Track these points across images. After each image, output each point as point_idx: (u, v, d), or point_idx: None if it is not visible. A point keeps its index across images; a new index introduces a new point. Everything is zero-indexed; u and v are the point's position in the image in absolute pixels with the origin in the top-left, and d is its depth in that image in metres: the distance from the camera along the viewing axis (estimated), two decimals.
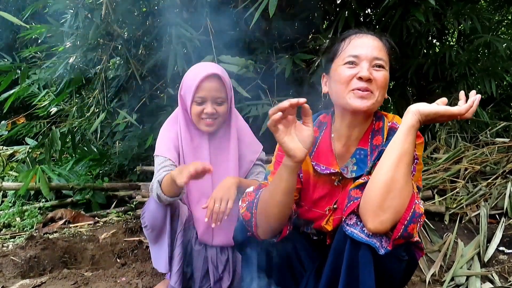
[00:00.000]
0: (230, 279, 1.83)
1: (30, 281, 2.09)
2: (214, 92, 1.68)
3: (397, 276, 1.24)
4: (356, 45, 1.28)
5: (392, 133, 1.29)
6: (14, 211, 3.36)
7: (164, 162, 1.72)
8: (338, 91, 1.28)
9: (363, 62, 1.25)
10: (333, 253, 1.24)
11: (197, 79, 1.65)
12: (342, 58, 1.28)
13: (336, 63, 1.31)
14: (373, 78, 1.24)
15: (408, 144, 1.15)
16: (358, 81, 1.24)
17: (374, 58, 1.25)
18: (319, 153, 1.39)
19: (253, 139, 1.91)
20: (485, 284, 1.94)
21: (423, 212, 1.16)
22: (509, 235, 2.29)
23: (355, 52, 1.26)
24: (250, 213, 1.29)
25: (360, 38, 1.29)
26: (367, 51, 1.25)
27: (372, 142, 1.32)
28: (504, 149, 3.10)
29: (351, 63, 1.26)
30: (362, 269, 1.14)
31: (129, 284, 2.06)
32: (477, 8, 3.74)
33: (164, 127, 1.85)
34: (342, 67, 1.27)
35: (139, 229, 2.73)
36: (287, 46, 3.36)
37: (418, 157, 1.25)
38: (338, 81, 1.28)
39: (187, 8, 3.12)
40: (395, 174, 1.13)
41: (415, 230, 1.14)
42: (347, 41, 1.31)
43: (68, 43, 3.37)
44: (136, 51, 3.32)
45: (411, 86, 4.04)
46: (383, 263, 1.15)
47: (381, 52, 1.28)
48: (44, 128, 4.25)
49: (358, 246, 1.15)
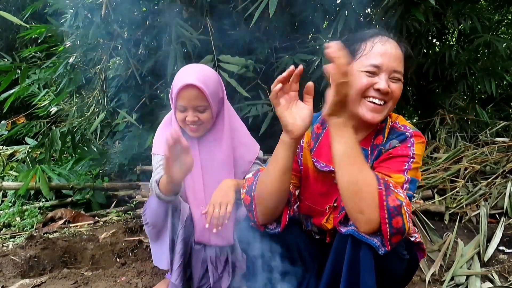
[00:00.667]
0: (229, 279, 1.83)
1: (30, 281, 2.09)
2: (194, 101, 1.64)
3: (398, 276, 1.24)
4: (378, 53, 1.24)
5: (392, 132, 1.29)
6: (14, 211, 3.36)
7: (162, 161, 1.73)
8: (352, 95, 1.24)
9: (383, 73, 1.23)
10: (334, 252, 1.24)
11: (176, 88, 1.63)
12: (363, 63, 1.25)
13: (354, 66, 1.27)
14: (390, 91, 1.24)
15: (341, 144, 1.13)
16: (374, 91, 1.23)
17: (393, 71, 1.24)
18: (320, 149, 1.39)
19: (250, 140, 1.90)
20: (485, 283, 1.93)
21: (403, 200, 1.09)
22: (509, 234, 2.29)
23: (377, 62, 1.23)
24: (250, 196, 1.32)
25: (383, 45, 1.25)
26: (388, 62, 1.23)
27: (373, 142, 1.32)
28: (504, 148, 3.10)
29: (371, 72, 1.24)
30: (363, 268, 1.14)
31: (129, 283, 2.06)
32: (477, 7, 3.75)
33: (161, 126, 1.86)
34: (361, 74, 1.25)
35: (139, 229, 2.73)
36: (287, 46, 3.36)
37: (415, 155, 1.24)
38: (353, 87, 1.24)
39: (187, 7, 3.12)
40: (349, 177, 1.12)
41: (403, 222, 1.09)
42: (369, 45, 1.27)
43: (68, 42, 3.38)
44: (136, 51, 3.32)
45: (411, 85, 4.04)
46: (384, 262, 1.15)
47: (400, 63, 1.27)
48: (44, 128, 4.25)
49: (359, 245, 1.15)
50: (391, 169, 1.21)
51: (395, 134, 1.29)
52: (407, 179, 1.20)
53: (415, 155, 1.24)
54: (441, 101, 3.88)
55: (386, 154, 1.26)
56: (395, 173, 1.20)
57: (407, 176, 1.20)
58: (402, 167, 1.22)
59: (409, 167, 1.22)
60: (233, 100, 3.08)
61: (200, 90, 1.62)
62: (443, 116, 3.72)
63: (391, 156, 1.24)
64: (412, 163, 1.23)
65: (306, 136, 1.42)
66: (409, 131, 1.28)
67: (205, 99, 1.65)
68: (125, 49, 3.19)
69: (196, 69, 1.71)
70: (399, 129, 1.30)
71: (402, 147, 1.24)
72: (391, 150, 1.25)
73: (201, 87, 1.61)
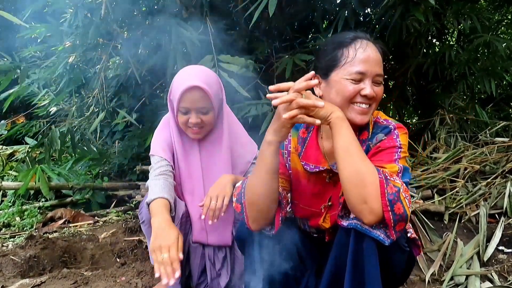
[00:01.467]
0: (228, 276, 1.83)
1: (30, 281, 2.09)
2: (197, 103, 1.64)
3: (399, 268, 1.27)
4: (362, 60, 1.27)
5: (376, 127, 1.34)
6: (13, 211, 3.36)
7: (160, 162, 1.73)
8: (339, 103, 1.29)
9: (367, 79, 1.27)
10: (336, 246, 1.26)
11: (179, 90, 1.61)
12: (348, 71, 1.27)
13: (339, 73, 1.29)
14: (375, 94, 1.28)
15: (342, 137, 1.20)
16: (361, 97, 1.27)
17: (376, 75, 1.29)
18: (308, 152, 1.43)
19: (248, 140, 1.90)
20: (485, 283, 1.94)
21: (399, 186, 1.14)
22: (508, 234, 2.30)
23: (361, 69, 1.26)
24: (240, 204, 1.35)
25: (365, 51, 1.28)
26: (371, 68, 1.27)
27: (360, 138, 1.35)
28: (504, 148, 3.10)
29: (357, 79, 1.27)
30: (367, 260, 1.16)
31: (128, 283, 2.06)
32: (476, 7, 3.75)
33: (159, 127, 1.85)
34: (346, 81, 1.27)
35: (138, 229, 2.73)
36: (287, 45, 3.36)
37: (402, 145, 1.29)
38: (341, 94, 1.28)
39: (187, 7, 3.12)
40: (352, 167, 1.16)
41: (405, 208, 1.13)
42: (351, 52, 1.28)
43: (68, 42, 3.37)
44: (136, 51, 3.32)
45: (410, 85, 4.05)
46: (387, 254, 1.18)
47: (381, 66, 1.31)
48: (43, 128, 4.25)
49: (362, 238, 1.17)
50: (383, 161, 1.25)
51: (379, 128, 1.33)
52: (400, 167, 1.24)
53: (402, 145, 1.28)
54: (440, 101, 3.88)
55: (375, 148, 1.30)
56: (388, 163, 1.24)
57: (399, 165, 1.25)
58: (392, 157, 1.26)
59: (398, 157, 1.27)
60: (233, 100, 3.08)
61: (204, 91, 1.61)
62: (443, 116, 3.72)
63: (380, 150, 1.29)
64: (400, 153, 1.27)
65: (293, 141, 1.47)
66: (392, 124, 1.32)
67: (209, 100, 1.65)
68: (125, 49, 3.19)
69: (199, 70, 1.70)
70: (382, 123, 1.35)
71: (388, 140, 1.29)
72: (379, 144, 1.30)
73: (206, 88, 1.61)
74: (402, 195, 1.13)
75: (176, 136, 1.78)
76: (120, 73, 3.55)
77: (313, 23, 3.67)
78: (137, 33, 3.21)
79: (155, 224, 1.48)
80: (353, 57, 1.28)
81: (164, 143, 1.78)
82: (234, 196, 1.39)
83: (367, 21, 3.82)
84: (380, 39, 3.50)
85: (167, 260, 1.36)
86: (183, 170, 1.79)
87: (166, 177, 1.69)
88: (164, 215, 1.52)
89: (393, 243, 1.16)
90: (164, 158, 1.74)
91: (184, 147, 1.79)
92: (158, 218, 1.51)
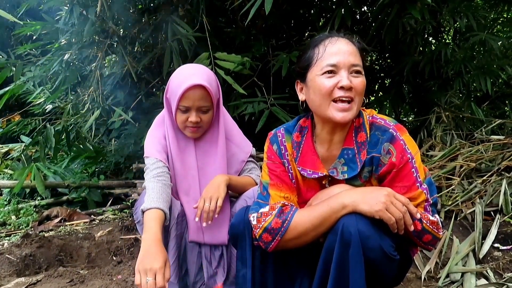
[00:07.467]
0: (224, 274, 1.83)
1: (26, 279, 2.09)
2: (198, 102, 1.63)
3: (389, 275, 1.23)
4: (332, 53, 1.25)
5: (373, 128, 1.30)
6: (9, 209, 3.35)
7: (156, 163, 1.71)
8: (319, 102, 1.26)
9: (342, 70, 1.24)
10: (325, 252, 1.23)
11: (181, 89, 1.59)
12: (320, 67, 1.26)
13: (313, 72, 1.28)
14: (353, 86, 1.23)
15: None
16: (339, 90, 1.23)
17: (351, 65, 1.24)
18: (304, 157, 1.38)
19: (242, 139, 1.90)
20: (480, 280, 1.95)
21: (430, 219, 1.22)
22: (504, 231, 2.31)
23: (332, 61, 1.24)
24: (272, 238, 1.30)
25: (334, 44, 1.26)
26: (343, 59, 1.24)
27: (357, 140, 1.31)
28: (499, 146, 3.11)
29: (330, 72, 1.24)
30: (352, 268, 1.13)
31: (125, 282, 2.06)
32: (472, 6, 3.75)
33: (152, 127, 1.84)
34: (320, 77, 1.25)
35: (135, 227, 2.73)
36: (283, 43, 3.35)
37: (412, 152, 1.24)
38: (318, 92, 1.25)
39: (183, 5, 3.11)
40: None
41: (434, 235, 1.23)
42: (321, 48, 1.27)
43: (63, 40, 3.35)
44: (132, 49, 3.31)
45: (407, 83, 4.05)
46: (374, 263, 1.14)
47: (357, 57, 1.27)
48: (39, 126, 4.23)
49: (348, 245, 1.14)
50: (407, 188, 1.23)
51: (377, 129, 1.29)
52: (425, 190, 1.23)
53: (412, 152, 1.24)
54: (437, 99, 3.89)
55: (388, 167, 1.25)
56: (413, 191, 1.23)
57: (423, 187, 1.23)
58: (413, 179, 1.23)
59: (417, 172, 1.23)
60: (229, 97, 3.08)
61: (206, 90, 1.61)
62: (439, 114, 3.72)
63: (396, 171, 1.24)
64: (415, 163, 1.24)
65: (288, 147, 1.42)
66: (391, 126, 1.28)
67: (210, 99, 1.64)
68: (121, 46, 3.17)
69: (200, 69, 1.69)
70: (379, 123, 1.30)
71: (398, 152, 1.24)
72: (390, 160, 1.24)
73: (208, 87, 1.61)
74: (429, 228, 1.21)
75: (171, 135, 1.76)
76: (116, 71, 3.53)
77: (309, 21, 3.67)
78: (133, 30, 3.20)
79: (144, 242, 1.42)
80: (323, 52, 1.26)
81: (158, 144, 1.77)
82: (259, 222, 1.32)
83: (364, 19, 3.82)
84: (376, 37, 3.52)
85: (152, 285, 1.30)
86: (179, 170, 1.78)
87: (164, 178, 1.67)
88: (155, 233, 1.44)
89: (380, 253, 1.13)
90: (160, 160, 1.73)
91: (180, 147, 1.78)
92: (149, 235, 1.44)
